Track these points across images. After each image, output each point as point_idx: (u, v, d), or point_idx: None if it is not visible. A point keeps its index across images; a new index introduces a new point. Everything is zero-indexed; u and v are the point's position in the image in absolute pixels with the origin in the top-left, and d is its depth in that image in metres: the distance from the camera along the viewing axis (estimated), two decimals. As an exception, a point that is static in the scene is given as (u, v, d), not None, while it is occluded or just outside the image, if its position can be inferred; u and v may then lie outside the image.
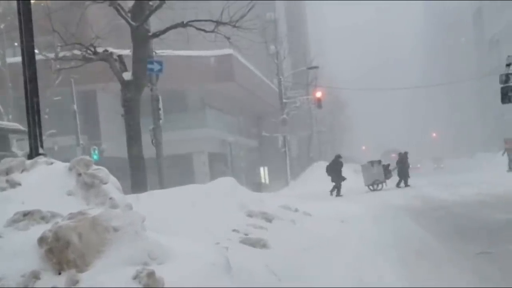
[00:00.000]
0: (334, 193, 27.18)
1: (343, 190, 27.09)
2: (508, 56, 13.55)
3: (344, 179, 27.85)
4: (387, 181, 29.60)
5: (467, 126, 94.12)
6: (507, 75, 13.32)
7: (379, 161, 30.26)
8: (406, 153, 31.14)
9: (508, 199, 16.71)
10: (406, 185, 29.31)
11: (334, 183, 27.64)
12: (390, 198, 21.32)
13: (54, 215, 5.69)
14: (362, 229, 12.63)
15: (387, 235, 11.73)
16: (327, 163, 29.92)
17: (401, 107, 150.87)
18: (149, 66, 18.31)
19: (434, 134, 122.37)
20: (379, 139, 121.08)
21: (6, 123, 22.77)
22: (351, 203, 19.81)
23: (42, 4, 22.01)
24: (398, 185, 29.56)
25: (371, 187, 29.02)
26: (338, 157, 29.50)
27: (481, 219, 13.03)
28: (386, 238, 11.31)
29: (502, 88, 13.43)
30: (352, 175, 42.03)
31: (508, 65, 13.34)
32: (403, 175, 29.85)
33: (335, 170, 28.17)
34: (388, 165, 30.64)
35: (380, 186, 29.01)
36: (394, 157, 40.86)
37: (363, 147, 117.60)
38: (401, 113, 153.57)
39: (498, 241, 9.69)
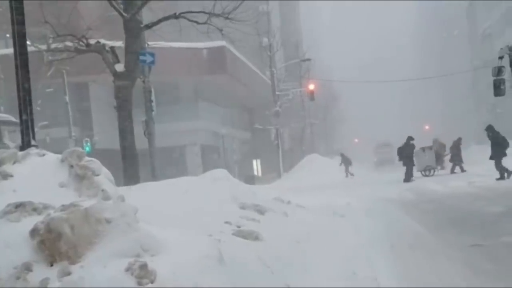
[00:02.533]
0: (412, 178, 26.50)
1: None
2: (501, 49, 13.60)
3: (413, 163, 27.02)
4: (439, 167, 29.48)
5: (460, 118, 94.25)
6: (500, 68, 13.37)
7: (431, 147, 29.90)
8: (460, 139, 30.80)
9: (500, 192, 16.77)
10: (463, 170, 28.74)
11: (406, 168, 26.86)
12: (382, 190, 21.34)
13: (46, 207, 5.66)
14: (355, 221, 12.65)
15: (380, 227, 11.76)
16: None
17: (395, 100, 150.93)
18: (142, 57, 18.24)
19: (427, 127, 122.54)
20: (372, 132, 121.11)
21: (-2, 115, 22.69)
22: (344, 195, 19.83)
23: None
24: (452, 171, 29.13)
25: (423, 172, 28.86)
26: (410, 139, 27.99)
27: (474, 211, 13.08)
28: (379, 230, 11.33)
29: (495, 81, 13.48)
30: (344, 167, 42.13)
31: (500, 58, 13.39)
32: (457, 160, 29.47)
33: (407, 153, 27.27)
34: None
35: (432, 172, 28.80)
36: (385, 150, 41.05)
37: (356, 140, 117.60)
38: (395, 106, 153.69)
39: (490, 233, 9.73)
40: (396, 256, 8.56)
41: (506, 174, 21.16)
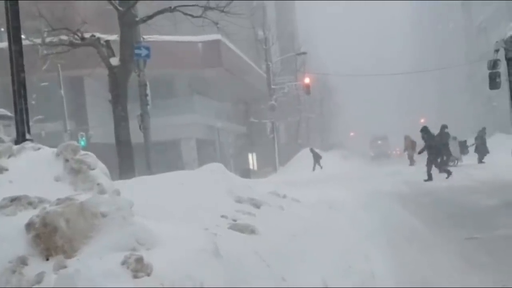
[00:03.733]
0: (454, 164, 26.26)
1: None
2: (496, 42, 13.58)
3: (450, 154, 26.64)
4: (464, 157, 29.46)
5: (455, 112, 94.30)
6: (495, 61, 13.35)
7: (455, 137, 29.82)
8: (484, 128, 30.88)
9: (495, 184, 16.80)
10: (481, 161, 28.82)
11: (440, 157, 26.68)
12: (378, 183, 21.36)
13: (41, 201, 5.65)
14: (350, 215, 12.66)
15: (376, 221, 11.77)
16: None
17: (390, 93, 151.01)
18: (137, 51, 18.22)
19: (422, 120, 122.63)
20: (368, 126, 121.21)
21: (-7, 109, 22.59)
22: (339, 189, 19.84)
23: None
24: (480, 160, 29.13)
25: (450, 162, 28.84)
26: (444, 127, 27.46)
27: (469, 204, 13.10)
28: (375, 224, 11.34)
29: (490, 74, 13.46)
30: (340, 161, 42.23)
31: (496, 51, 13.37)
32: (482, 151, 29.42)
33: (442, 142, 26.31)
34: (465, 141, 30.47)
35: (456, 162, 28.74)
36: (381, 143, 41.16)
37: (352, 133, 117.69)
38: (390, 99, 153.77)
39: (485, 226, 9.76)
40: (392, 249, 8.57)
41: (428, 177, 21.31)
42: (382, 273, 6.93)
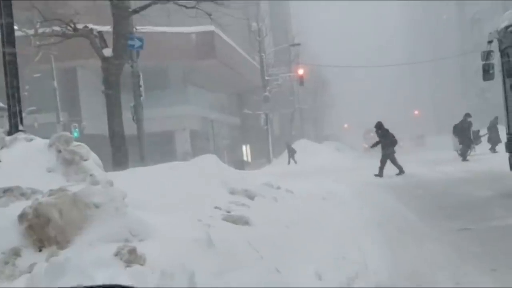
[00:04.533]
0: (468, 154, 26.04)
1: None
2: (490, 33, 13.56)
3: (471, 141, 26.48)
4: (476, 146, 29.36)
5: (449, 103, 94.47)
6: (489, 52, 13.35)
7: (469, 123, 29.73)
8: (496, 118, 30.79)
9: (488, 176, 16.85)
10: (494, 151, 28.78)
11: (462, 145, 26.38)
12: (371, 175, 21.37)
13: (34, 192, 5.64)
14: (344, 207, 12.67)
15: (369, 212, 11.79)
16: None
17: (384, 85, 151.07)
18: (130, 42, 18.14)
19: (416, 112, 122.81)
20: (362, 117, 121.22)
21: (-15, 100, 22.51)
22: (333, 180, 19.86)
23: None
24: (493, 150, 29.05)
25: (459, 151, 28.73)
26: (467, 116, 27.26)
27: (462, 196, 13.13)
28: (368, 215, 11.36)
29: (484, 65, 13.46)
30: (334, 153, 42.28)
31: (489, 42, 13.36)
32: (495, 140, 29.33)
33: (464, 130, 26.65)
34: (478, 131, 30.38)
35: (469, 152, 28.61)
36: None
37: (345, 125, 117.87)
38: (384, 91, 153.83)
39: (478, 217, 9.78)
40: (385, 240, 8.59)
41: (380, 172, 21.35)
42: (375, 264, 6.94)
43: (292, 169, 29.54)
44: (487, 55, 13.35)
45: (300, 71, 48.66)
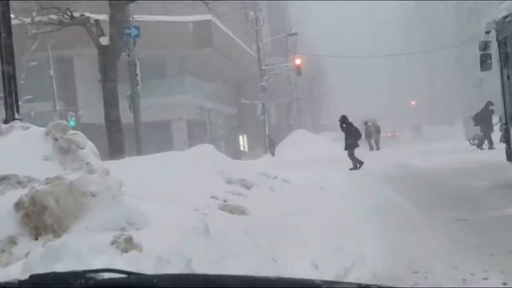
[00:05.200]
0: (485, 145, 25.75)
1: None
2: (487, 23, 13.54)
3: (492, 130, 26.03)
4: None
5: (446, 94, 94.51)
6: (486, 43, 13.34)
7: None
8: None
9: (485, 167, 16.88)
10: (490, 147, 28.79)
11: (483, 134, 26.11)
12: (369, 165, 21.41)
13: (30, 180, 5.62)
14: (341, 197, 12.69)
15: (366, 202, 11.80)
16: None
17: (382, 75, 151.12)
18: (127, 31, 18.07)
19: (413, 102, 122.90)
20: (359, 107, 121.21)
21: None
22: (330, 170, 19.88)
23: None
24: (501, 140, 28.93)
25: (471, 141, 28.62)
26: (489, 104, 26.61)
27: (459, 186, 13.16)
28: (365, 205, 11.37)
29: (481, 56, 13.44)
30: (330, 143, 42.31)
31: (487, 32, 13.34)
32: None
33: (485, 118, 26.18)
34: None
35: (485, 141, 28.44)
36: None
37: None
38: (381, 81, 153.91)
39: (475, 208, 9.80)
40: (382, 230, 8.60)
41: (358, 165, 21.60)
42: (372, 254, 6.95)
43: (289, 159, 29.54)
44: (484, 45, 13.33)
45: (298, 61, 48.58)
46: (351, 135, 22.17)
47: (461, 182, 13.93)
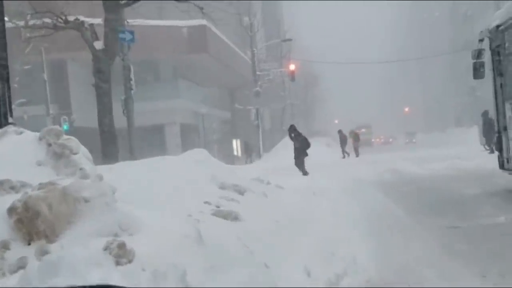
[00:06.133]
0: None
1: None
2: (481, 32, 13.61)
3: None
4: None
5: (440, 100, 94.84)
6: (480, 51, 13.40)
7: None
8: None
9: (478, 174, 16.91)
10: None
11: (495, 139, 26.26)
12: (362, 171, 21.43)
13: (24, 185, 5.61)
14: (334, 203, 12.70)
15: (359, 208, 11.82)
16: None
17: (375, 81, 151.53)
18: (121, 35, 18.09)
19: (406, 109, 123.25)
20: (353, 113, 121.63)
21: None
22: (323, 176, 19.89)
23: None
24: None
25: (486, 146, 28.69)
26: (486, 113, 26.67)
27: (452, 193, 13.19)
28: (358, 211, 11.39)
29: (474, 64, 13.50)
30: (324, 149, 42.35)
31: (480, 40, 13.41)
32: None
33: (492, 127, 26.36)
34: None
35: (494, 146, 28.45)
36: (365, 131, 42.16)
37: (336, 121, 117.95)
38: (375, 87, 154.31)
39: (466, 215, 9.83)
40: (374, 236, 8.61)
41: (306, 173, 22.06)
42: (364, 261, 6.96)
43: (282, 164, 29.52)
44: (478, 53, 13.39)
45: (292, 67, 48.68)
46: (300, 144, 22.71)
47: (454, 189, 13.96)
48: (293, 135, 23.04)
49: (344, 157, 37.94)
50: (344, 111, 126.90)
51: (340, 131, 40.12)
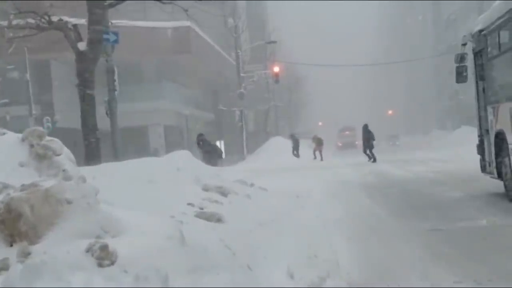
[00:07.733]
0: None
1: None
2: (464, 36, 13.72)
3: None
4: None
5: (423, 104, 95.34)
6: (462, 55, 13.50)
7: None
8: None
9: (459, 177, 17.03)
10: None
11: None
12: (346, 174, 21.52)
13: (6, 187, 5.58)
14: (317, 205, 12.74)
15: (342, 210, 11.86)
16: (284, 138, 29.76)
17: (360, 84, 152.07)
18: (105, 36, 17.99)
19: (390, 112, 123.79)
20: (337, 116, 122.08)
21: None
22: (307, 178, 19.94)
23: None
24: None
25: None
26: None
27: (434, 196, 13.27)
28: (341, 213, 11.43)
29: (457, 68, 13.60)
30: (308, 150, 42.43)
31: (463, 44, 13.51)
32: None
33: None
34: None
35: None
36: (349, 134, 42.36)
37: (320, 123, 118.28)
38: (359, 90, 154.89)
39: (449, 218, 9.89)
40: (357, 239, 8.65)
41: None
42: (347, 263, 6.99)
43: (266, 166, 29.57)
44: (460, 57, 13.49)
45: (276, 69, 48.75)
46: (208, 152, 24.18)
47: (436, 192, 14.05)
48: (201, 143, 24.81)
49: (315, 158, 38.66)
50: (329, 113, 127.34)
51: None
